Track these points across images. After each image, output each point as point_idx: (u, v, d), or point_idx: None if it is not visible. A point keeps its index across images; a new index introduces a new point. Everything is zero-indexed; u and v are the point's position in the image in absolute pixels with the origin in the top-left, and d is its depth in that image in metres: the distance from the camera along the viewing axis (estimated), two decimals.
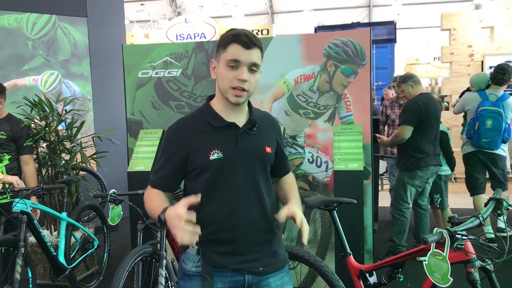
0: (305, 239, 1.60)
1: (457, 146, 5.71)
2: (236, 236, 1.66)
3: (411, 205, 4.42)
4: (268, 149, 1.75)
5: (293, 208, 1.69)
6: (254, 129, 1.73)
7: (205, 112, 1.73)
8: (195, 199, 1.49)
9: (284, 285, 1.77)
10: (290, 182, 1.94)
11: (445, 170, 4.69)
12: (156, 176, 1.74)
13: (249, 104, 1.79)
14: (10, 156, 3.65)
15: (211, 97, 1.78)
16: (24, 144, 3.69)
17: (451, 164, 4.71)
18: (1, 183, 3.12)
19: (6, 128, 3.63)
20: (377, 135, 4.81)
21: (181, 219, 1.41)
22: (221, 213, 1.66)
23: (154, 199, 1.69)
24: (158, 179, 1.73)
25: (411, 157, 4.29)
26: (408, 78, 4.48)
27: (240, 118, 1.73)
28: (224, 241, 1.66)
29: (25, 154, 3.71)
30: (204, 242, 1.66)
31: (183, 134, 1.70)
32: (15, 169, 3.68)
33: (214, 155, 1.65)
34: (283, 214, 1.66)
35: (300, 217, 1.64)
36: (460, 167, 5.35)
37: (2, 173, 3.52)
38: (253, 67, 1.64)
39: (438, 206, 4.76)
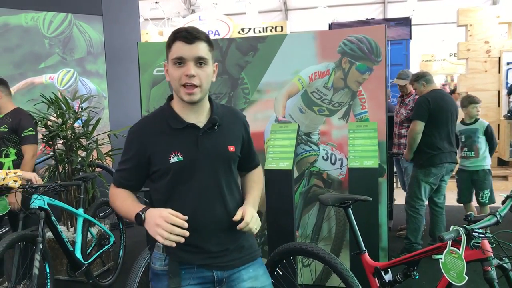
0: (238, 219, 1.66)
1: None
2: (199, 239, 1.66)
3: (425, 203, 4.39)
4: (232, 148, 1.74)
5: (245, 207, 1.71)
6: (215, 128, 1.70)
7: (165, 113, 1.72)
8: (182, 217, 1.54)
9: (258, 276, 1.77)
10: (252, 179, 1.93)
11: (490, 164, 4.72)
12: (119, 175, 1.76)
13: (211, 101, 1.77)
14: (16, 150, 3.70)
15: (171, 97, 1.76)
16: (23, 134, 3.71)
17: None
18: (20, 179, 3.17)
19: (8, 121, 3.68)
20: (399, 152, 4.96)
21: (166, 219, 1.50)
22: (184, 214, 1.61)
23: (123, 198, 1.71)
24: (121, 178, 1.75)
25: (425, 154, 4.27)
26: (420, 77, 4.50)
27: (200, 118, 1.71)
28: (188, 243, 1.62)
29: (24, 144, 3.71)
30: None
31: (143, 138, 1.69)
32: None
33: (174, 158, 1.64)
34: (237, 215, 1.68)
35: (248, 214, 1.67)
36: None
37: (9, 169, 3.56)
38: (200, 61, 1.61)
39: (487, 201, 4.73)
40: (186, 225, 1.51)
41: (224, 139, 1.73)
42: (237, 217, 1.67)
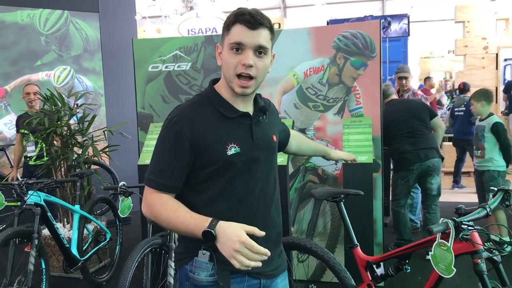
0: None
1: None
2: (256, 239, 1.37)
3: (402, 202, 4.36)
4: (275, 138, 1.64)
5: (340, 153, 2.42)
6: (265, 117, 1.59)
7: (212, 100, 1.52)
8: (258, 232, 1.34)
9: (287, 285, 1.70)
10: (305, 139, 2.18)
11: (501, 166, 4.31)
12: (160, 177, 1.47)
13: None
14: None
15: (215, 81, 1.58)
16: None
17: (507, 158, 4.29)
18: None
19: None
20: None
21: (247, 246, 1.29)
22: (240, 212, 1.49)
23: (174, 208, 1.44)
24: (164, 180, 1.47)
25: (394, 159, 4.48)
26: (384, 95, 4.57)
27: (249, 107, 1.56)
28: None
29: None
30: None
31: (194, 124, 1.45)
32: None
33: (232, 150, 1.46)
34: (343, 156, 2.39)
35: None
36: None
37: None
38: (260, 50, 1.45)
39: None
40: (269, 253, 1.32)
41: (270, 128, 1.62)
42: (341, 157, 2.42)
